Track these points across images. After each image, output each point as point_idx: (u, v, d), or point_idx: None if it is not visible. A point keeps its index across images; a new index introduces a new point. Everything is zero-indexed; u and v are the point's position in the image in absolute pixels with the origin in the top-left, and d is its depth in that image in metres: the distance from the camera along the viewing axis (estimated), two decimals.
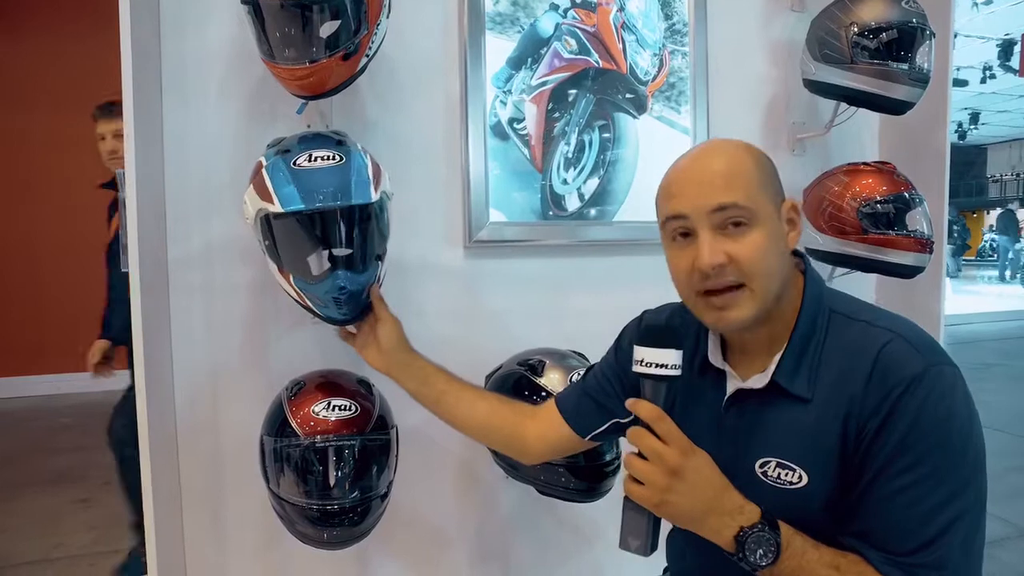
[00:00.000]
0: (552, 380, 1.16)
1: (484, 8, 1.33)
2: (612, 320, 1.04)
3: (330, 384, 1.07)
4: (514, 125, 1.37)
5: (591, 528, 1.48)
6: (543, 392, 1.15)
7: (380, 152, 1.09)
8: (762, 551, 0.67)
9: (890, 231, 1.41)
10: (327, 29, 0.98)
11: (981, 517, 0.69)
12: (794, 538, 0.69)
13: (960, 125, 11.54)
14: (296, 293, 0.99)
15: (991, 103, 10.53)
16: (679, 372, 0.73)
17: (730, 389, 0.81)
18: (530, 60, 1.38)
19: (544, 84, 1.39)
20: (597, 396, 0.97)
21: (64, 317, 4.57)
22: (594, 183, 1.44)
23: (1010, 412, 4.22)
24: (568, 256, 1.45)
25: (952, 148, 1.65)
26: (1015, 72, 7.69)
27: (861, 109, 1.47)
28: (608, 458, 1.14)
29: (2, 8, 4.38)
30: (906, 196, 1.42)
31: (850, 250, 1.44)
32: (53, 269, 4.57)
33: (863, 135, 1.72)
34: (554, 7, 1.39)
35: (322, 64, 0.99)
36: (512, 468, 1.22)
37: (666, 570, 0.99)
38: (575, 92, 1.41)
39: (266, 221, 0.94)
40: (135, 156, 1.00)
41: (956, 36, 6.79)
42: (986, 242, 18.22)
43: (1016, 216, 12.44)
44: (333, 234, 0.94)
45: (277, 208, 0.90)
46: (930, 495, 0.66)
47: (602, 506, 1.22)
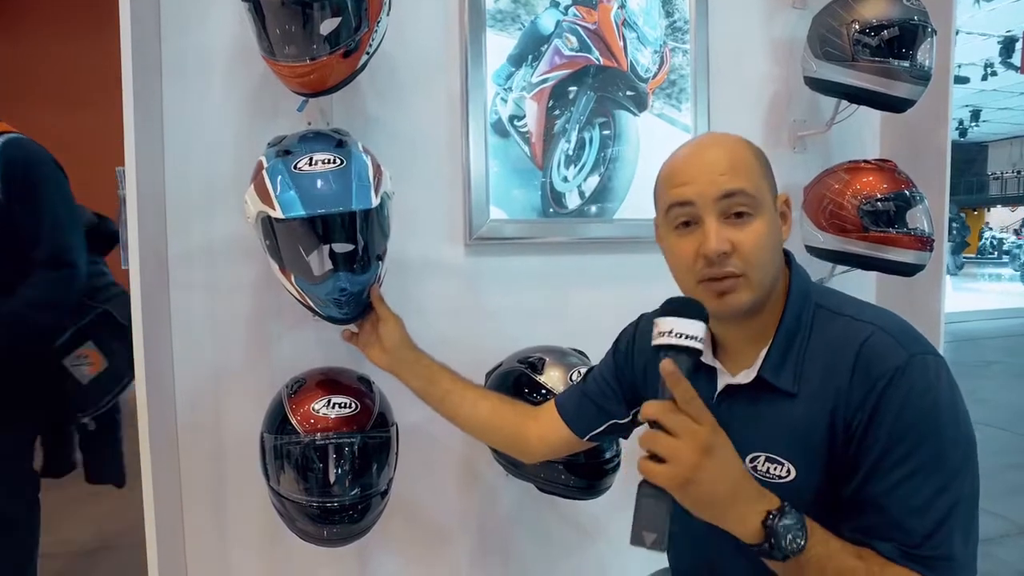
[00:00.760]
0: (552, 378, 1.17)
1: (485, 5, 1.33)
2: (613, 317, 1.04)
3: (330, 382, 1.07)
4: (515, 122, 1.37)
5: (592, 525, 1.49)
6: (543, 389, 1.15)
7: (381, 149, 1.09)
8: (791, 535, 0.63)
9: (891, 229, 1.40)
10: (328, 26, 0.98)
11: (976, 503, 0.69)
12: (815, 524, 0.67)
13: (961, 122, 11.53)
14: (298, 292, 1.00)
15: (992, 100, 10.52)
16: (703, 347, 0.68)
17: (720, 385, 0.82)
18: (531, 57, 1.37)
19: (545, 81, 1.39)
20: (596, 398, 0.98)
21: None
22: (594, 180, 1.44)
23: (1010, 410, 4.22)
24: (568, 254, 1.45)
25: (953, 145, 1.64)
26: (1016, 69, 7.69)
27: (862, 107, 1.47)
28: (607, 456, 1.14)
29: (1, 6, 4.37)
30: (907, 194, 1.42)
31: (851, 248, 1.44)
32: None
33: (864, 133, 1.71)
34: (555, 4, 1.39)
35: (323, 61, 0.99)
36: (512, 466, 1.22)
37: (668, 566, 0.99)
38: (576, 89, 1.41)
39: (267, 222, 0.95)
40: (135, 153, 1.00)
41: (957, 33, 6.78)
42: (986, 240, 18.22)
43: None
44: (333, 238, 0.95)
45: (278, 214, 0.91)
46: (926, 485, 0.66)
47: (602, 503, 1.22)
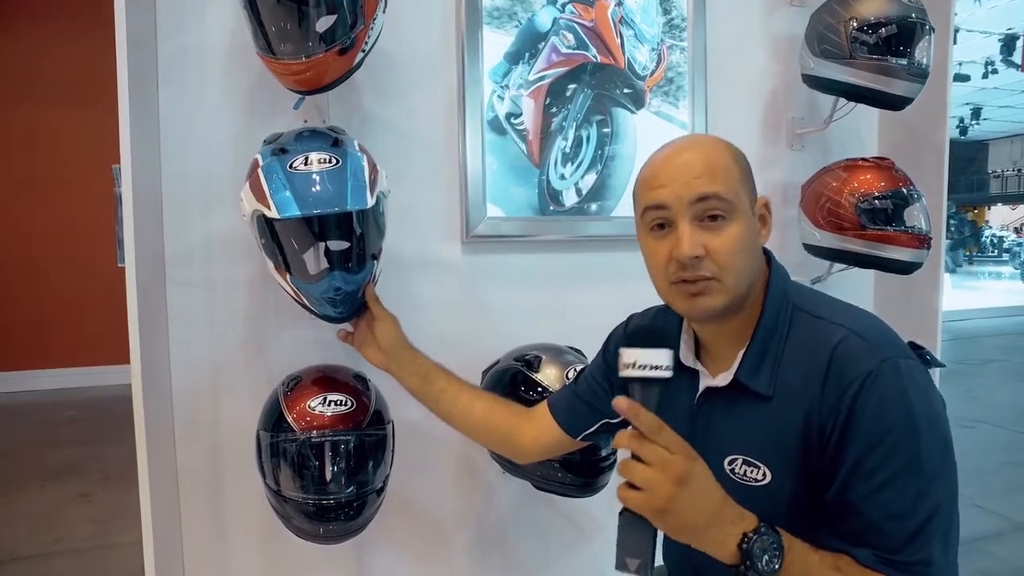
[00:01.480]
0: (548, 375, 1.17)
1: (482, 2, 1.33)
2: (609, 315, 1.04)
3: (326, 379, 1.07)
4: (512, 120, 1.37)
5: (588, 522, 1.49)
6: (539, 387, 1.15)
7: (377, 147, 1.09)
8: (768, 556, 0.64)
9: (888, 227, 1.40)
10: (323, 24, 0.98)
11: (955, 505, 0.69)
12: (793, 541, 0.67)
13: (961, 120, 11.50)
14: (293, 291, 1.00)
15: (993, 98, 10.50)
16: (671, 374, 0.68)
17: (701, 387, 0.82)
18: (528, 55, 1.37)
19: (542, 79, 1.39)
20: (587, 398, 0.98)
21: (65, 312, 4.58)
22: (592, 178, 1.44)
23: (1008, 407, 4.23)
24: (565, 251, 1.45)
25: (953, 143, 1.64)
26: (1017, 67, 7.67)
27: (861, 104, 1.46)
28: (604, 453, 1.15)
29: (1, 4, 4.36)
30: (904, 192, 1.42)
31: (848, 246, 1.43)
32: (55, 264, 4.57)
33: (862, 131, 1.71)
34: (552, 2, 1.39)
35: (318, 59, 0.99)
36: (509, 464, 1.23)
37: (663, 561, 1.00)
38: (573, 87, 1.41)
39: (262, 220, 0.95)
40: (131, 151, 1.00)
41: (958, 31, 6.77)
42: (986, 238, 18.19)
43: None
44: (328, 237, 0.95)
45: (273, 214, 0.91)
46: (905, 490, 0.66)
47: (599, 500, 1.22)
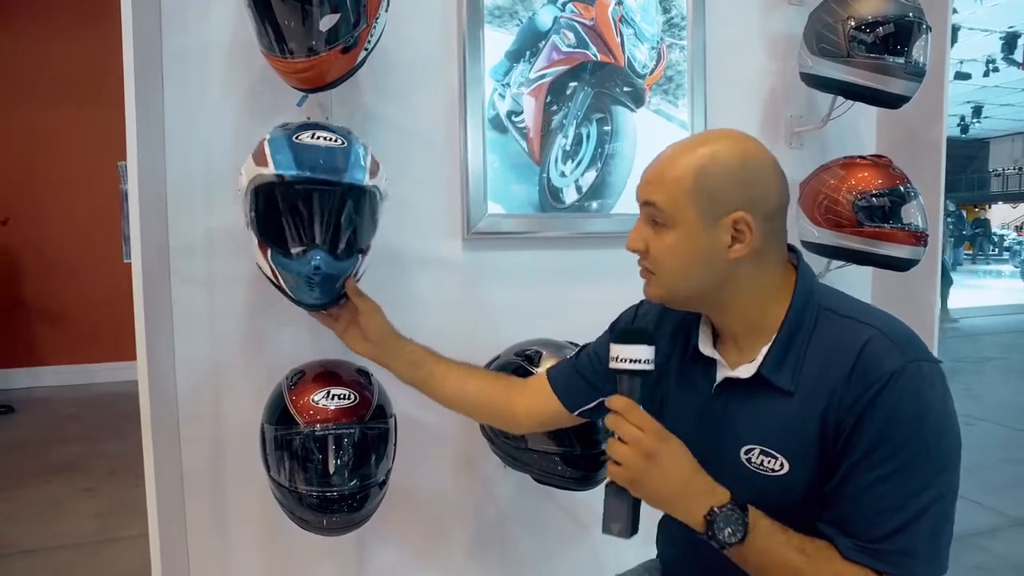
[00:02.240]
0: None
1: (483, 1, 1.34)
2: (609, 312, 1.05)
3: (330, 373, 1.09)
4: (512, 118, 1.38)
5: (588, 515, 1.50)
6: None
7: (379, 144, 1.10)
8: (730, 529, 0.71)
9: (885, 224, 1.42)
10: (326, 23, 0.99)
11: (950, 509, 0.70)
12: (761, 520, 0.73)
13: (962, 119, 11.47)
14: (271, 271, 0.99)
15: (994, 96, 10.48)
16: (651, 368, 0.77)
17: (719, 377, 0.83)
18: (528, 53, 1.38)
19: (542, 77, 1.40)
20: (588, 375, 1.00)
21: (69, 309, 4.60)
22: (592, 176, 1.45)
23: (1006, 405, 4.24)
24: (566, 248, 1.47)
25: (954, 142, 1.66)
26: (1018, 65, 7.66)
27: (858, 103, 1.47)
28: (603, 447, 1.16)
29: (2, 2, 4.37)
30: (901, 190, 1.43)
31: (845, 243, 1.45)
32: (58, 261, 4.59)
33: (860, 129, 1.72)
34: (552, 1, 1.40)
35: (321, 57, 1.00)
36: (510, 457, 1.24)
37: (658, 555, 1.01)
38: (573, 85, 1.42)
39: (254, 192, 0.96)
40: (137, 148, 1.01)
41: (959, 29, 6.76)
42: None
43: None
44: (318, 207, 0.95)
45: (270, 170, 0.92)
46: (901, 487, 0.68)
47: (599, 494, 1.23)
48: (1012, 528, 2.48)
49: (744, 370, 0.80)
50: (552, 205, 1.42)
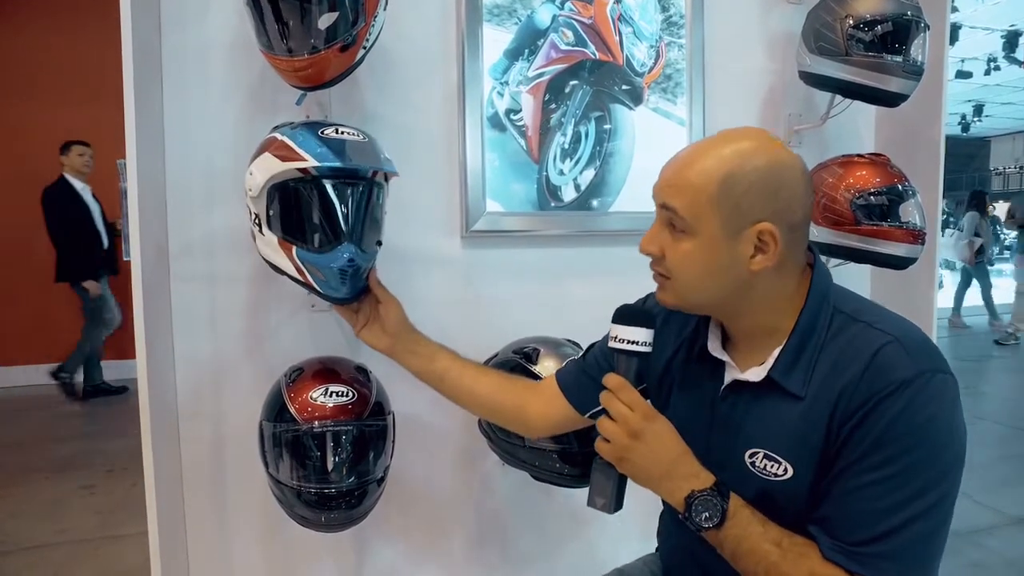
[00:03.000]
0: (547, 368, 1.18)
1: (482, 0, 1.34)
2: (607, 309, 1.04)
3: (328, 371, 1.09)
4: (511, 116, 1.38)
5: (587, 513, 1.50)
6: (537, 379, 1.16)
7: (379, 142, 1.10)
8: (707, 514, 0.72)
9: (883, 222, 1.42)
10: (325, 21, 0.99)
11: (943, 522, 0.69)
12: (742, 510, 0.73)
13: (964, 117, 11.44)
14: (296, 268, 0.98)
15: (995, 95, 10.46)
16: (648, 350, 0.79)
17: (727, 379, 0.82)
18: (527, 52, 1.39)
19: (541, 75, 1.40)
20: (595, 374, 0.97)
21: (68, 306, 4.60)
22: (590, 174, 1.46)
23: (1005, 403, 4.25)
24: (564, 246, 1.47)
25: (955, 140, 1.66)
26: (1019, 64, 7.65)
27: (857, 101, 1.48)
28: None
29: (2, 1, 4.37)
30: (899, 188, 1.43)
31: (844, 241, 1.45)
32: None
33: (859, 127, 1.72)
34: None
35: (320, 56, 1.01)
36: (507, 455, 1.24)
37: (657, 549, 1.02)
38: (572, 84, 1.42)
39: (276, 189, 0.96)
40: (136, 146, 1.02)
41: (960, 28, 6.75)
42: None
43: None
44: (349, 200, 0.98)
45: (312, 163, 0.93)
46: (891, 494, 0.67)
47: None
48: (1009, 526, 2.49)
49: (754, 373, 0.78)
50: (551, 203, 1.43)
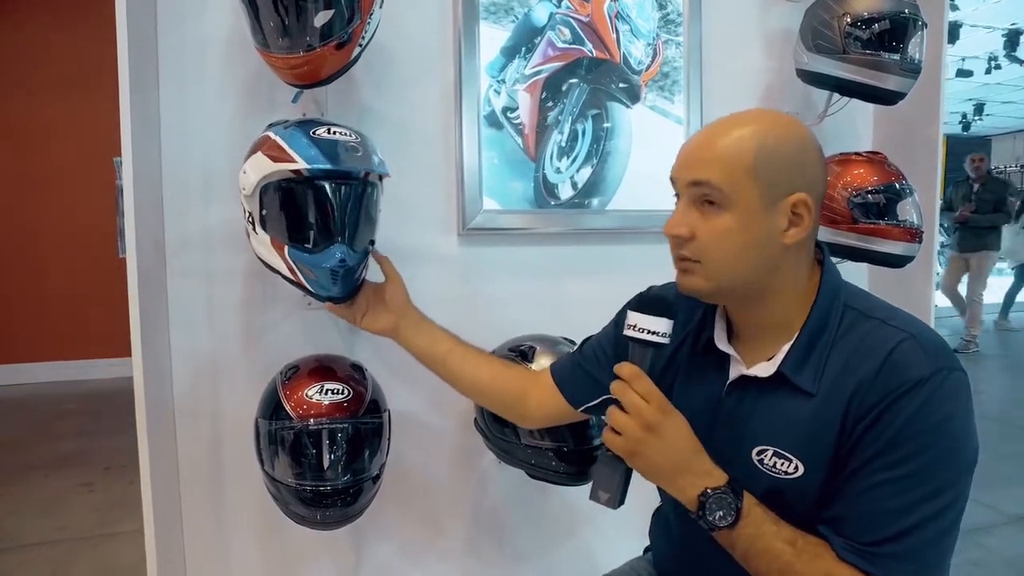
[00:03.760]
0: (542, 365, 1.18)
1: None
2: (605, 308, 1.05)
3: (324, 368, 1.09)
4: (508, 114, 1.38)
5: (582, 511, 1.51)
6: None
7: (375, 140, 1.10)
8: (721, 512, 0.70)
9: (880, 221, 1.42)
10: (321, 18, 0.99)
11: (955, 522, 0.68)
12: (755, 508, 0.72)
13: (964, 116, 11.42)
14: (288, 267, 0.99)
15: (996, 94, 10.43)
16: (667, 341, 0.75)
17: (733, 374, 0.80)
18: (524, 49, 1.38)
19: (538, 73, 1.40)
20: (590, 368, 0.98)
21: (67, 304, 4.60)
22: (587, 172, 1.45)
23: (1003, 401, 4.25)
24: (561, 244, 1.47)
25: (956, 139, 1.66)
26: (1021, 63, 7.62)
27: (855, 99, 1.47)
28: (596, 443, 1.16)
29: None
30: (896, 186, 1.43)
31: (841, 239, 1.45)
32: (55, 256, 4.59)
33: (857, 125, 1.72)
34: None
35: (316, 53, 1.00)
36: (504, 453, 1.24)
37: (647, 549, 1.02)
38: (569, 82, 1.42)
39: (269, 188, 0.96)
40: (132, 143, 1.02)
41: (961, 26, 6.73)
42: None
43: None
44: (341, 200, 0.97)
45: (302, 165, 0.93)
46: (906, 493, 0.66)
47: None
48: (1007, 525, 2.49)
49: (762, 368, 0.77)
50: (547, 201, 1.43)
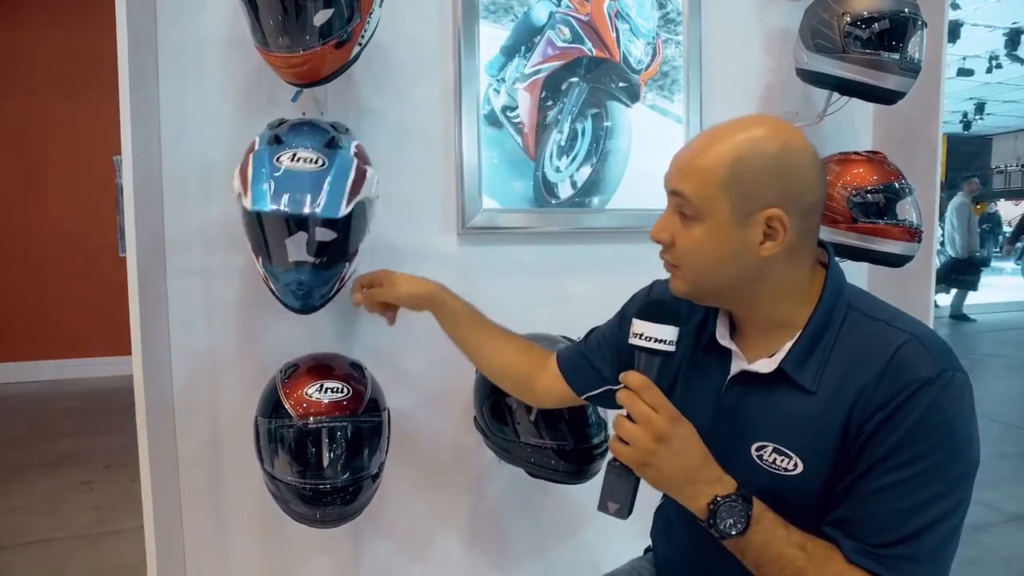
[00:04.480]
0: None
1: None
2: (604, 307, 1.05)
3: (323, 367, 1.10)
4: (507, 113, 1.38)
5: (582, 510, 1.51)
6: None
7: (374, 139, 1.11)
8: (732, 520, 0.70)
9: (880, 220, 1.42)
10: (320, 17, 0.99)
11: (960, 522, 0.69)
12: (766, 514, 0.71)
13: (965, 115, 11.41)
14: (262, 275, 1.04)
15: (997, 93, 10.43)
16: (674, 349, 0.75)
17: (734, 369, 0.81)
18: (524, 48, 1.38)
19: (537, 72, 1.40)
20: (593, 359, 0.99)
21: (67, 303, 4.61)
22: (587, 171, 1.46)
23: (1003, 401, 4.25)
24: (561, 243, 1.47)
25: (956, 138, 1.66)
26: (1022, 62, 7.62)
27: (855, 98, 1.47)
28: (596, 441, 1.17)
29: None
30: (896, 186, 1.43)
31: (840, 239, 1.45)
32: (56, 255, 4.59)
33: (856, 124, 1.72)
34: None
35: (315, 52, 1.01)
36: (503, 451, 1.25)
37: (648, 549, 1.02)
38: (568, 81, 1.42)
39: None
40: (131, 142, 1.02)
41: (962, 25, 6.72)
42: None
43: None
44: (295, 238, 0.99)
45: (247, 204, 0.95)
46: (914, 495, 0.67)
47: (592, 488, 1.24)
48: (1005, 523, 2.49)
49: (763, 364, 0.77)
50: (547, 200, 1.43)
